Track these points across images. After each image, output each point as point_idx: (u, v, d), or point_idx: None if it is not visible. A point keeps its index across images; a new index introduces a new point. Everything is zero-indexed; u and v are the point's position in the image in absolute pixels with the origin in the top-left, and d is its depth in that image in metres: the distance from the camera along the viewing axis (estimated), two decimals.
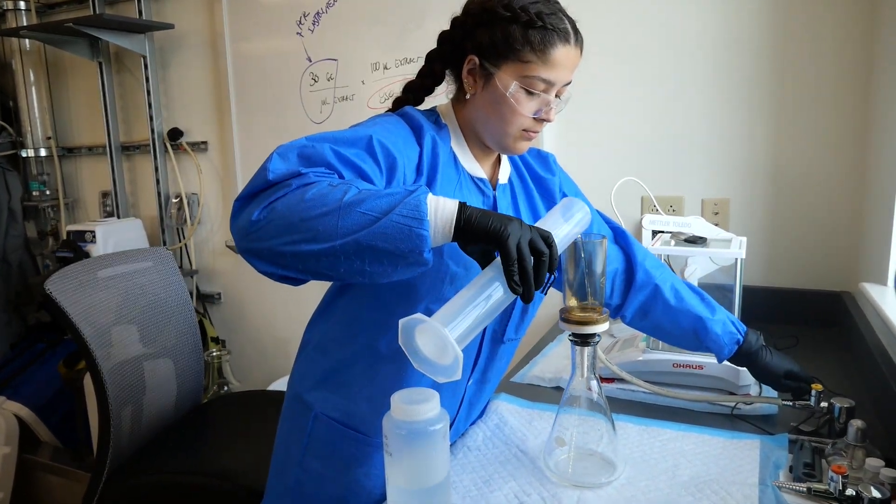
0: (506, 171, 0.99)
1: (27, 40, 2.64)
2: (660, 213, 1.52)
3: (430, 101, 0.98)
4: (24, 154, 2.74)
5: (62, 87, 2.78)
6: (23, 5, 2.60)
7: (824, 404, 1.00)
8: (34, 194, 2.79)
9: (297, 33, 2.20)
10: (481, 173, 0.94)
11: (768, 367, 1.04)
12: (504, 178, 0.98)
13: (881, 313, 1.25)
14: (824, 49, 1.56)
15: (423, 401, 0.70)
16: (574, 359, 0.88)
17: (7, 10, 2.61)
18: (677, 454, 0.96)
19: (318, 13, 2.15)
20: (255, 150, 2.35)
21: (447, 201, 0.69)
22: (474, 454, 0.98)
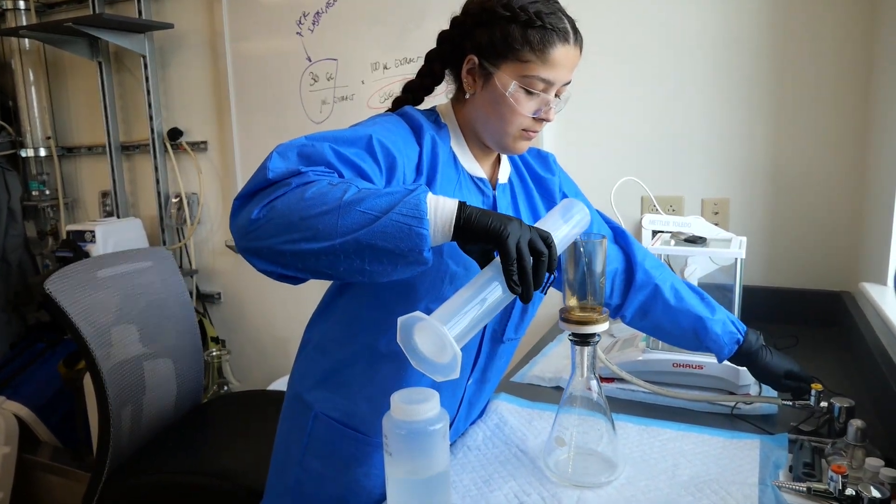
0: (505, 171, 0.99)
1: (27, 40, 2.64)
2: (660, 213, 1.52)
3: (430, 100, 0.98)
4: (23, 154, 2.73)
5: (62, 86, 2.78)
6: (22, 5, 2.60)
7: (824, 404, 1.00)
8: (34, 194, 2.79)
9: (297, 33, 2.20)
10: (481, 173, 0.94)
11: (768, 367, 1.04)
12: (504, 177, 0.98)
13: (881, 313, 1.25)
14: (824, 49, 1.56)
15: (422, 400, 0.70)
16: (574, 358, 0.88)
17: (7, 10, 2.61)
18: (677, 454, 0.96)
19: (317, 13, 2.15)
20: (255, 150, 2.34)
21: (447, 200, 0.69)
22: (474, 454, 0.98)
